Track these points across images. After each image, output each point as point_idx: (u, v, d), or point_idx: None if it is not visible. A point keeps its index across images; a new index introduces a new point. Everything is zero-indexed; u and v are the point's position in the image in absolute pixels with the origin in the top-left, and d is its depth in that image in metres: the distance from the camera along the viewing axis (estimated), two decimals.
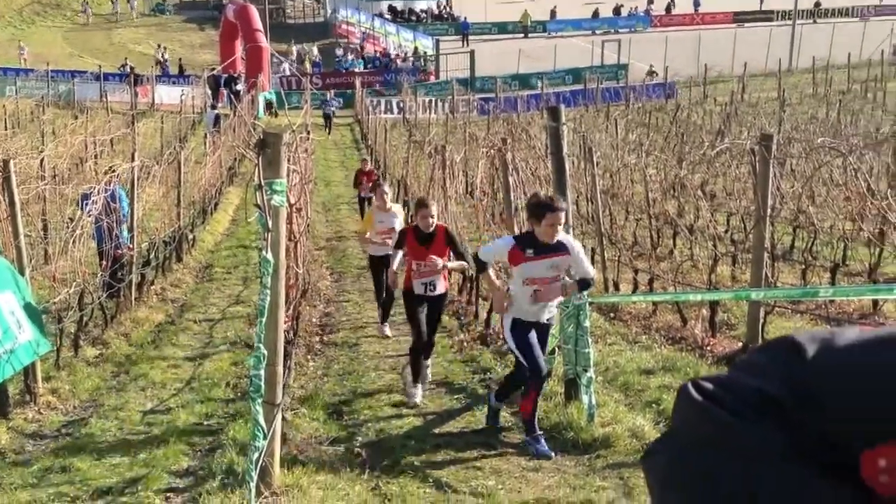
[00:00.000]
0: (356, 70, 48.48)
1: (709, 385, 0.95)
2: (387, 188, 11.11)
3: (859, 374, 0.88)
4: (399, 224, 10.56)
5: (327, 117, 38.04)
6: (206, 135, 27.57)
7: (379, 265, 10.84)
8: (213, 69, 43.04)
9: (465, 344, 10.07)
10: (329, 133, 37.01)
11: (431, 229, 8.28)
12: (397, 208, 11.10)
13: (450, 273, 9.02)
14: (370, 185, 16.78)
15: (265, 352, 5.29)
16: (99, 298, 10.56)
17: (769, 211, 8.03)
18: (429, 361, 8.46)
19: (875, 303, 9.85)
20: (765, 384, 0.91)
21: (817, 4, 62.72)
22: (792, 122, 30.11)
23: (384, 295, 10.86)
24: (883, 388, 0.86)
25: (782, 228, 14.39)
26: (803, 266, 11.79)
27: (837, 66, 46.48)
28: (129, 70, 43.79)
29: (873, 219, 11.65)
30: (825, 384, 0.89)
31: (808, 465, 0.87)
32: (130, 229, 12.15)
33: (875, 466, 0.86)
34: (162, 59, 49.01)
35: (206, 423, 7.55)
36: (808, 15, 59.48)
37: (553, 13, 61.25)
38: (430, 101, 43.23)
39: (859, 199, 11.66)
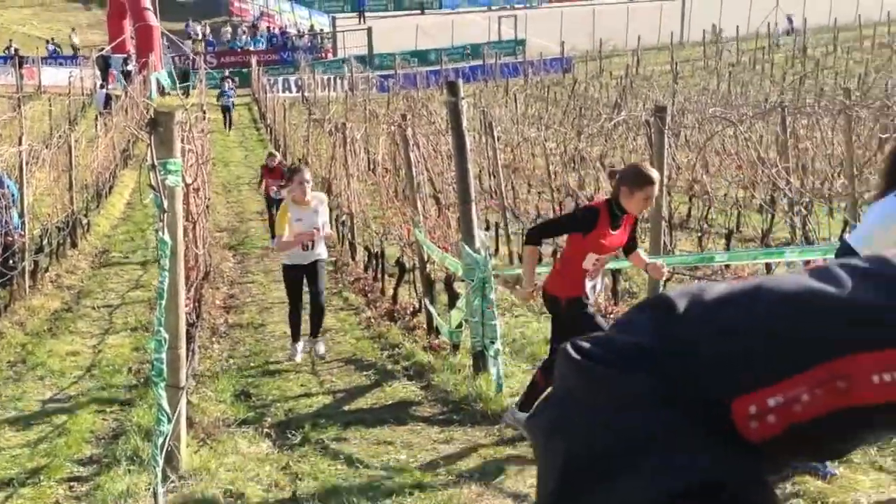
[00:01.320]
0: (251, 49, 47.67)
1: (586, 344, 0.97)
2: (307, 175, 8.62)
3: (727, 324, 0.91)
4: (325, 223, 8.66)
5: (226, 110, 33.09)
6: (97, 117, 26.77)
7: (297, 279, 8.68)
8: (102, 49, 41.76)
9: (372, 320, 10.06)
10: (230, 129, 32.72)
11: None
12: (319, 199, 8.73)
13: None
14: (282, 183, 14.62)
15: (166, 335, 5.18)
16: None
17: (665, 181, 8.21)
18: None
19: (768, 266, 10.17)
20: (639, 338, 0.94)
21: None
22: (685, 94, 30.84)
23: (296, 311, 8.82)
24: (749, 337, 0.89)
25: (679, 198, 14.75)
26: (699, 234, 12.11)
27: (726, 39, 47.72)
28: (13, 52, 42.12)
29: (764, 186, 12.04)
30: (696, 334, 0.92)
31: (681, 411, 0.90)
32: (21, 215, 11.74)
33: (745, 413, 0.89)
34: (53, 43, 46.71)
35: (108, 409, 7.37)
36: None
37: None
38: (329, 79, 42.84)
39: (750, 167, 12.03)
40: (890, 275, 0.92)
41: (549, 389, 1.08)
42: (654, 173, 5.79)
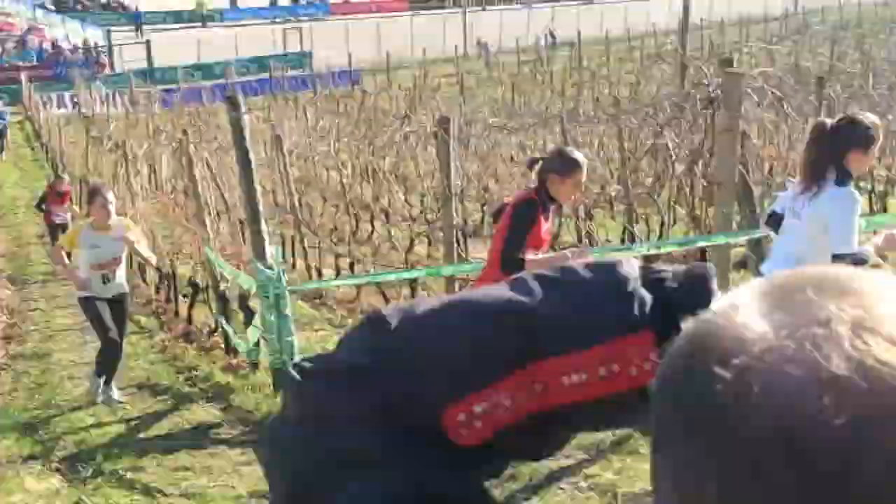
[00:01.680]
0: (21, 64, 45.06)
1: (308, 364, 1.01)
2: (110, 195, 7.86)
3: (432, 338, 0.98)
4: (123, 250, 7.93)
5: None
6: None
7: (100, 310, 7.79)
8: None
9: (167, 343, 9.75)
10: (2, 152, 29.82)
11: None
12: (122, 225, 7.91)
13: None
14: (66, 206, 14.43)
15: None
16: None
17: (455, 190, 8.41)
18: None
19: None
20: (355, 356, 0.98)
21: None
22: (472, 104, 31.69)
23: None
24: (452, 349, 0.96)
25: (472, 206, 15.14)
26: None
27: (505, 52, 49.43)
28: None
29: None
30: (405, 349, 0.98)
31: (398, 426, 0.95)
32: None
33: (455, 421, 0.95)
34: None
35: None
36: (477, 2, 62.69)
37: (233, 1, 60.23)
38: (108, 95, 41.10)
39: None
40: (573, 283, 1.00)
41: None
42: (580, 156, 5.41)
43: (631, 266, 1.02)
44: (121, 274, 7.98)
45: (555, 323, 0.91)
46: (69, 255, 8.01)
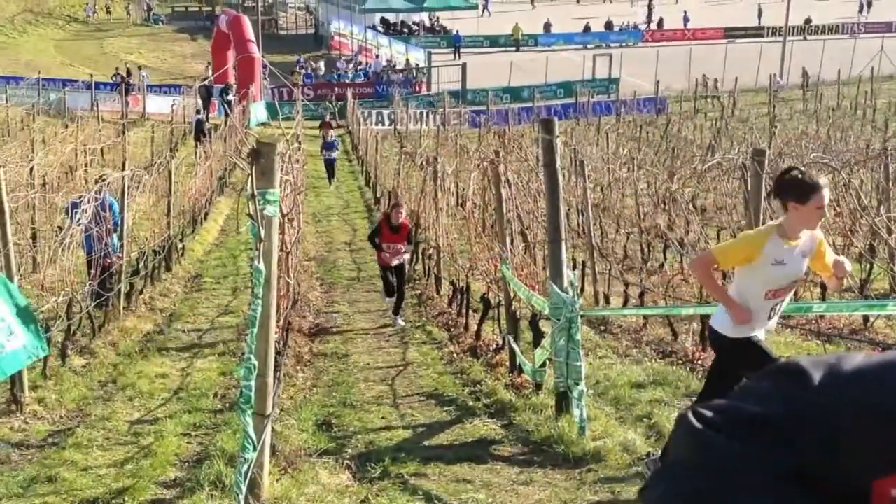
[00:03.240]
0: (347, 81, 48.51)
1: (708, 412, 0.92)
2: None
3: (870, 401, 0.86)
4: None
5: (329, 164, 30.35)
6: (196, 144, 27.51)
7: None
8: (206, 79, 43.00)
9: (455, 356, 10.04)
10: (331, 183, 29.60)
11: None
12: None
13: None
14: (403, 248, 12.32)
15: (255, 362, 5.24)
16: (87, 307, 10.49)
17: (761, 226, 8.01)
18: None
19: (866, 319, 9.86)
20: (762, 407, 0.88)
21: (808, 21, 63.06)
22: (783, 137, 30.23)
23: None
24: (890, 416, 0.83)
25: None
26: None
27: (827, 83, 46.73)
28: (121, 78, 43.65)
29: (864, 234, 11.68)
30: (833, 408, 0.86)
31: (813, 491, 0.84)
32: (120, 238, 12.09)
33: (886, 496, 0.83)
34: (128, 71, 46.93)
35: (193, 433, 7.49)
36: (798, 31, 59.79)
37: (547, 27, 61.47)
38: (422, 113, 43.25)
39: (850, 214, 11.69)
40: None
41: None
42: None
43: None
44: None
45: None
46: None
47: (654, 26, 64.90)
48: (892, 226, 10.44)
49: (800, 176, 5.03)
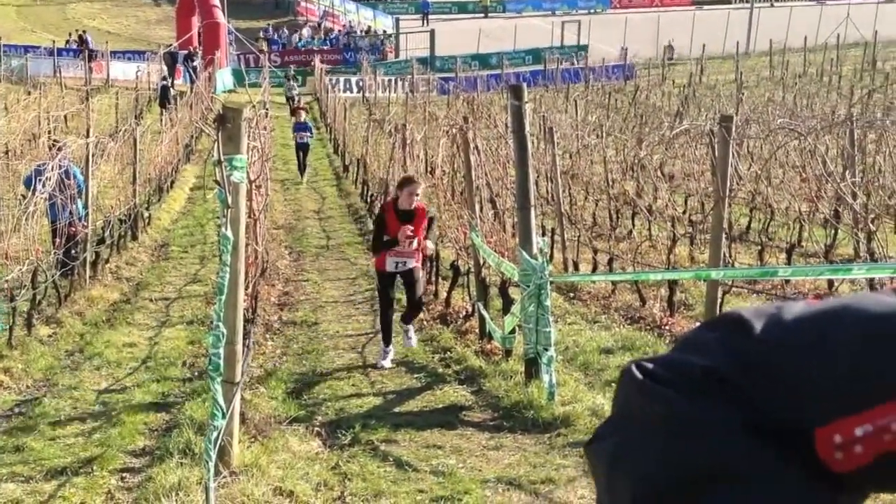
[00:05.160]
0: (315, 48, 48.05)
1: (651, 365, 0.92)
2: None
3: (810, 350, 0.86)
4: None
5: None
6: (161, 112, 27.19)
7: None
8: (170, 45, 42.41)
9: (425, 323, 10.05)
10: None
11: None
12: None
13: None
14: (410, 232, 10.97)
15: (224, 330, 5.21)
16: (52, 276, 10.38)
17: (728, 192, 8.07)
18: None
19: (830, 283, 9.97)
20: (710, 361, 0.88)
21: None
22: (750, 104, 30.38)
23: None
24: (833, 362, 0.84)
25: (739, 210, 14.54)
26: (760, 247, 11.90)
27: (794, 50, 46.95)
28: (78, 42, 42.88)
29: (829, 200, 11.79)
30: (775, 357, 0.86)
31: (759, 440, 0.85)
32: (85, 207, 11.95)
33: (830, 443, 0.83)
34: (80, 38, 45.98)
35: (162, 402, 7.46)
36: None
37: None
38: (390, 81, 42.98)
39: (815, 180, 11.79)
40: None
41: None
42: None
43: None
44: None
45: None
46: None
47: None
48: (856, 191, 10.54)
49: None
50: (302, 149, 24.07)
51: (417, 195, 8.44)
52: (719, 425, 0.85)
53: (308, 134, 24.21)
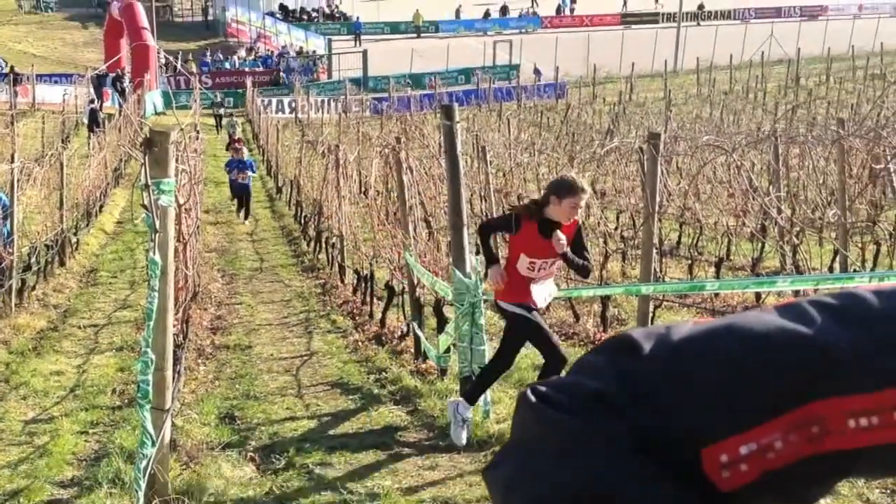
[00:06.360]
0: (247, 70, 47.76)
1: (545, 388, 0.93)
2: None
3: (694, 368, 0.87)
4: None
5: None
6: (89, 135, 26.73)
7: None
8: (97, 68, 41.80)
9: (360, 344, 10.00)
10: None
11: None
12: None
13: None
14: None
15: (153, 356, 5.13)
16: None
17: (657, 208, 8.20)
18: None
19: (758, 295, 10.17)
20: (600, 383, 0.90)
21: (701, 7, 64.67)
22: (678, 121, 30.95)
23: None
24: (717, 382, 0.85)
25: (669, 225, 14.77)
26: (690, 261, 12.10)
27: (720, 67, 48.00)
28: (9, 69, 42.08)
29: (755, 214, 12.05)
30: (661, 379, 0.88)
31: (647, 461, 0.86)
32: (10, 233, 11.67)
33: (716, 462, 0.85)
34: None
35: (91, 431, 7.29)
36: (692, 17, 61.26)
37: (458, 13, 61.64)
38: (323, 101, 42.90)
39: (742, 195, 12.04)
40: (861, 313, 0.88)
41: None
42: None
43: None
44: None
45: (840, 358, 0.80)
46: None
47: (546, 12, 65.53)
48: (781, 205, 10.78)
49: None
50: (242, 191, 20.07)
51: (580, 208, 6.16)
52: (605, 447, 0.86)
53: (250, 173, 20.16)
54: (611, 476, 0.86)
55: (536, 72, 47.86)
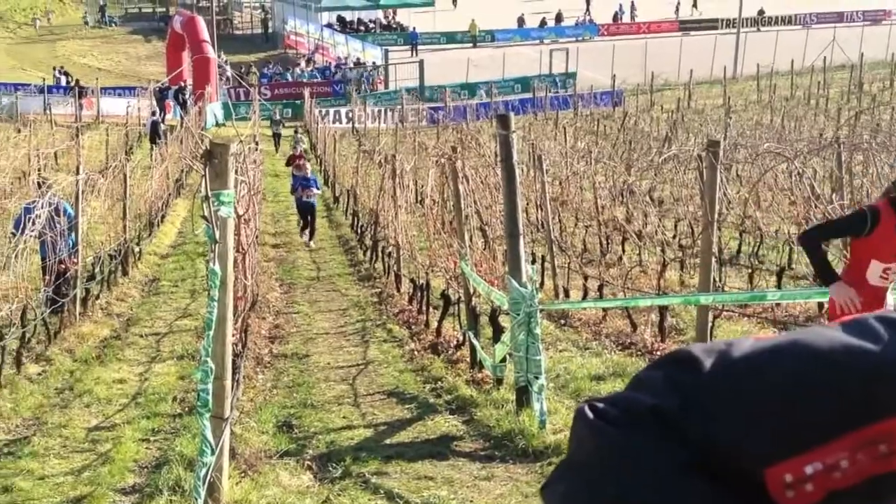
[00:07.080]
0: (305, 80, 48.26)
1: (602, 404, 0.92)
2: None
3: (757, 386, 0.86)
4: None
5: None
6: (152, 147, 27.22)
7: None
8: (160, 81, 42.59)
9: (415, 353, 10.02)
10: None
11: None
12: None
13: None
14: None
15: (213, 365, 5.20)
16: (42, 314, 10.34)
17: (716, 216, 8.10)
18: None
19: (821, 305, 9.97)
20: (658, 399, 0.88)
21: (761, 12, 63.75)
22: (738, 128, 30.54)
23: None
24: (781, 400, 0.84)
25: (729, 233, 14.56)
26: (750, 270, 11.91)
27: (781, 73, 47.28)
28: (67, 79, 43.10)
29: (818, 222, 11.82)
30: (723, 396, 0.86)
31: (707, 480, 0.84)
32: (75, 243, 11.93)
33: (780, 482, 0.83)
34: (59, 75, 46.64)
35: (152, 438, 7.41)
36: (752, 23, 60.43)
37: (521, 21, 61.65)
38: (380, 111, 43.15)
39: (804, 203, 11.83)
40: None
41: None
42: None
43: None
44: None
45: None
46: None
47: (603, 19, 65.16)
48: (844, 213, 10.56)
49: None
50: (307, 209, 18.98)
51: None
52: (662, 464, 0.85)
53: (315, 190, 19.33)
54: (667, 494, 0.85)
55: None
